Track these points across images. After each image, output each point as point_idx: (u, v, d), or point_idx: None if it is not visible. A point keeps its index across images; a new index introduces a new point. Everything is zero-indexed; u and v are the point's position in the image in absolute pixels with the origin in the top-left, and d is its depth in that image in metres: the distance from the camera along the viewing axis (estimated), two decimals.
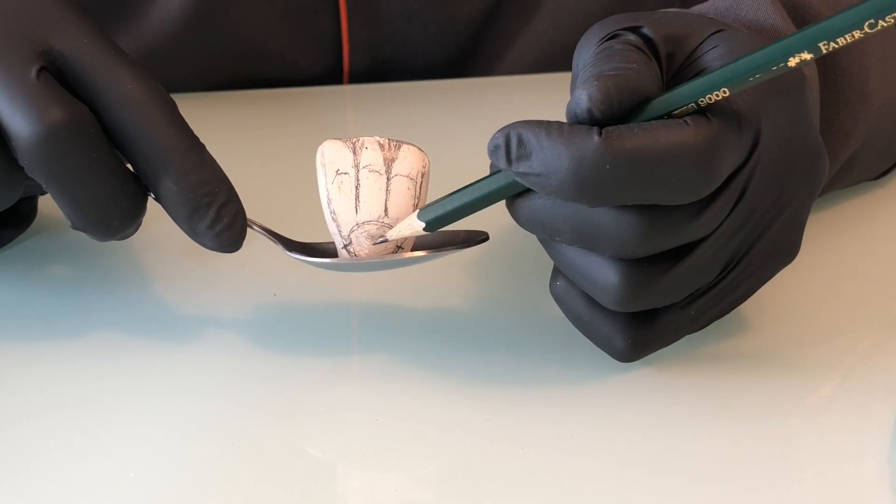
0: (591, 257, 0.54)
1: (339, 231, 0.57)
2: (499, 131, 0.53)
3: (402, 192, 0.56)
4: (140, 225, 0.57)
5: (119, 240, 0.57)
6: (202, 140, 0.56)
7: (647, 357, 0.57)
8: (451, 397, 0.57)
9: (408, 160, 0.56)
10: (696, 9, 0.62)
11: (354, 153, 0.56)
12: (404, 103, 0.82)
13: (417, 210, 0.56)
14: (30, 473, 0.52)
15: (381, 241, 0.56)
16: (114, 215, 0.56)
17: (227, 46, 0.82)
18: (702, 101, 0.51)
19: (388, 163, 0.56)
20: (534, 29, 0.85)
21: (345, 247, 0.57)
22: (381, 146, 0.56)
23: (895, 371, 0.58)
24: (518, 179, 0.53)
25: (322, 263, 0.58)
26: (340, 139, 0.57)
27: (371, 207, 0.56)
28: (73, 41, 0.55)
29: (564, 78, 0.85)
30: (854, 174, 0.67)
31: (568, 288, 0.56)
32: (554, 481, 0.52)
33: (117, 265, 0.65)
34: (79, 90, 0.55)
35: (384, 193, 0.56)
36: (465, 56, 0.86)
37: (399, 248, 0.57)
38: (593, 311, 0.56)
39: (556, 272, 0.57)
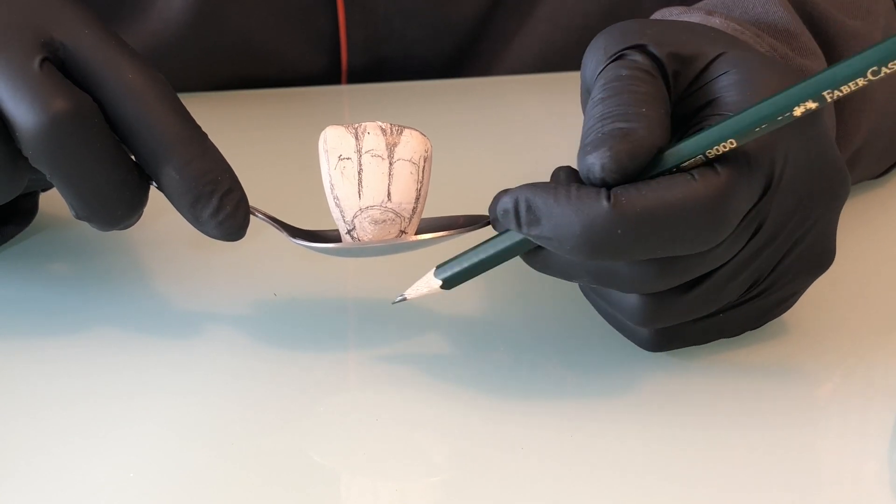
0: None
1: (343, 216, 0.57)
2: (506, 195, 0.53)
3: (405, 176, 0.56)
4: (142, 214, 0.57)
5: (121, 229, 0.57)
6: None
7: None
8: (451, 397, 0.56)
9: (410, 144, 0.56)
10: (702, 4, 0.61)
11: (357, 138, 0.56)
12: (402, 103, 0.82)
13: (434, 268, 0.57)
14: (29, 472, 0.52)
15: (400, 300, 0.57)
16: (117, 205, 0.56)
17: (226, 46, 0.82)
18: (709, 153, 0.51)
19: (391, 147, 0.56)
20: (531, 28, 0.85)
21: (348, 232, 0.57)
22: (384, 131, 0.56)
23: (895, 371, 0.58)
24: (531, 240, 0.53)
25: (326, 249, 0.58)
26: (342, 125, 0.57)
27: (374, 192, 0.56)
28: (75, 32, 0.55)
29: (563, 78, 0.85)
30: (856, 173, 0.67)
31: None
32: (554, 482, 0.52)
33: (118, 264, 0.65)
34: (81, 80, 0.55)
35: (387, 178, 0.56)
36: (463, 55, 0.86)
37: (402, 232, 0.57)
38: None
39: None
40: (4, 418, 0.55)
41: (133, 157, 0.56)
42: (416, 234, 0.58)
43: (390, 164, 0.56)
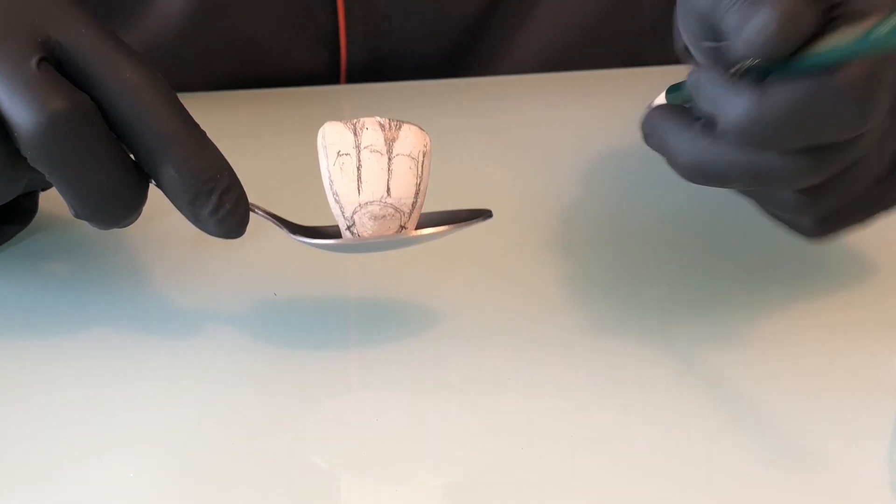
0: None
1: (342, 212, 0.57)
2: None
3: (404, 171, 0.56)
4: (141, 213, 0.57)
5: (121, 227, 0.57)
6: None
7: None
8: (451, 398, 0.56)
9: (409, 140, 0.56)
10: None
11: (355, 134, 0.56)
12: (402, 102, 0.82)
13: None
14: (29, 472, 0.52)
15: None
16: (116, 203, 0.56)
17: (226, 45, 0.82)
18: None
19: (390, 143, 0.56)
20: (532, 27, 0.85)
21: (348, 228, 0.57)
22: (382, 126, 0.57)
23: (895, 371, 0.58)
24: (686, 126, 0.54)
25: (326, 245, 0.58)
26: (341, 121, 0.57)
27: (373, 188, 0.56)
28: (72, 31, 0.55)
29: (563, 78, 0.85)
30: None
31: None
32: (554, 481, 0.52)
33: (118, 264, 0.65)
34: (78, 79, 0.55)
35: (386, 173, 0.56)
36: (463, 53, 0.86)
37: (402, 227, 0.57)
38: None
39: None
40: (4, 418, 0.55)
41: (132, 156, 0.56)
42: (417, 229, 0.58)
43: (389, 159, 0.56)
